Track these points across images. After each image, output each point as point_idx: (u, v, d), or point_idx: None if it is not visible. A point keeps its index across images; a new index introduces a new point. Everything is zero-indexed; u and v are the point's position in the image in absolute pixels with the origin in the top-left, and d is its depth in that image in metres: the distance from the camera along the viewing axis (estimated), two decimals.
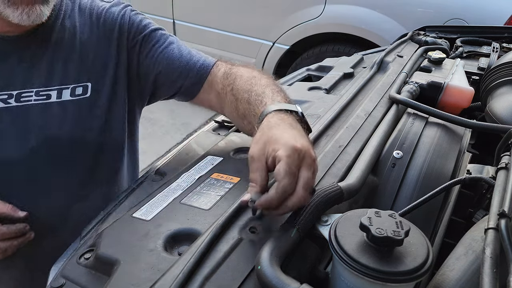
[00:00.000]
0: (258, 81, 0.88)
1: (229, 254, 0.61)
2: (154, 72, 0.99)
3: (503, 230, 0.58)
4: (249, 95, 0.85)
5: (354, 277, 0.53)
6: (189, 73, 0.97)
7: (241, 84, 0.88)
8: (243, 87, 0.87)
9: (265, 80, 0.89)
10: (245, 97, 0.85)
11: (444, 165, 0.94)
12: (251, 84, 0.87)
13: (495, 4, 2.69)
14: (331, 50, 3.03)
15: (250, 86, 0.87)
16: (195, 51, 1.03)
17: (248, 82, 0.88)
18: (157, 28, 1.02)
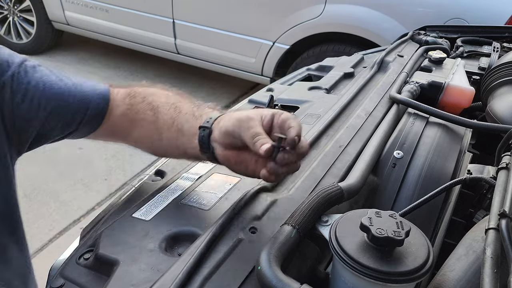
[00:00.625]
0: (177, 95, 0.81)
1: (229, 254, 0.61)
2: (39, 115, 0.75)
3: (504, 230, 0.57)
4: (179, 105, 0.77)
5: (355, 277, 0.53)
6: (89, 105, 0.79)
7: (160, 99, 0.79)
8: (167, 100, 0.78)
9: (181, 94, 0.82)
10: (178, 106, 0.76)
11: (444, 165, 0.94)
12: (171, 96, 0.80)
13: (496, 4, 2.69)
14: (331, 50, 3.03)
15: (175, 98, 0.79)
16: (81, 78, 0.86)
17: (169, 95, 0.80)
18: (33, 65, 0.81)
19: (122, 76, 4.02)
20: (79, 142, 3.02)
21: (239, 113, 0.69)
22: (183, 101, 0.78)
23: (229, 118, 0.68)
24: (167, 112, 0.76)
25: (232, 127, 0.66)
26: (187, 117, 0.74)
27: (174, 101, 0.78)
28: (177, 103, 0.77)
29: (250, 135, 0.64)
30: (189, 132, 0.73)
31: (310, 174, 0.82)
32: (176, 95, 0.81)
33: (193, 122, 0.73)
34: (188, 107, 0.76)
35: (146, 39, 3.65)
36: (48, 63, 4.14)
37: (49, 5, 3.91)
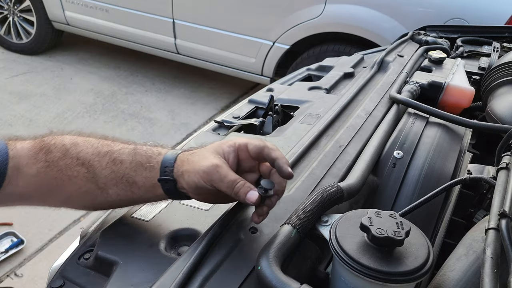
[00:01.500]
0: (103, 140, 0.69)
1: (229, 254, 0.61)
2: None
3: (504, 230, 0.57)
4: (116, 156, 0.66)
5: (354, 277, 0.53)
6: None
7: (87, 150, 0.67)
8: (95, 150, 0.67)
9: (106, 138, 0.71)
10: (115, 158, 0.66)
11: (444, 165, 0.94)
12: (97, 145, 0.68)
13: (496, 4, 2.69)
14: (331, 49, 3.03)
15: (104, 146, 0.67)
16: None
17: (94, 145, 0.68)
18: None
19: (122, 76, 4.02)
20: None
21: (199, 159, 0.62)
22: (116, 149, 0.67)
23: (193, 171, 0.61)
24: (106, 166, 0.65)
25: (202, 182, 0.61)
26: (135, 168, 0.65)
27: (106, 150, 0.67)
28: (112, 153, 0.66)
29: (226, 186, 0.60)
30: (145, 184, 0.65)
31: (310, 174, 0.82)
32: (101, 140, 0.69)
33: (146, 173, 0.65)
34: (128, 156, 0.66)
35: (146, 39, 3.65)
36: (48, 63, 4.14)
37: (49, 5, 3.91)
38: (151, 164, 0.65)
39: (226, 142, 0.65)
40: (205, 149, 0.65)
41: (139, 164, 0.65)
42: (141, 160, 0.65)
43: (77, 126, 3.21)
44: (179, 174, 0.63)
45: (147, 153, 0.66)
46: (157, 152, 0.67)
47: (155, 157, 0.66)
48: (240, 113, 1.17)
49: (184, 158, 0.64)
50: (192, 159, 0.63)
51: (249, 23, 3.24)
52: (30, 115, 3.30)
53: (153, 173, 0.64)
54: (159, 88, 3.88)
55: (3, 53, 4.25)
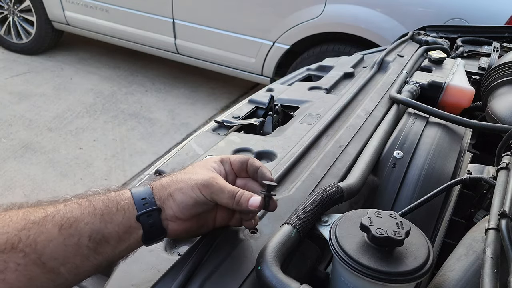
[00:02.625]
0: (37, 207, 0.52)
1: (229, 254, 0.61)
2: None
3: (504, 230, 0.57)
4: (66, 219, 0.51)
5: (355, 277, 0.53)
6: None
7: (14, 224, 0.48)
8: (29, 217, 0.49)
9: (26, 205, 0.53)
10: (68, 219, 0.50)
11: (444, 165, 0.94)
12: (36, 210, 0.51)
13: (496, 3, 2.69)
14: (331, 49, 3.03)
15: (42, 210, 0.51)
16: None
17: (27, 212, 0.50)
18: None
19: (122, 76, 4.02)
20: (79, 142, 3.02)
21: (191, 175, 0.58)
22: (54, 210, 0.51)
23: (188, 186, 0.56)
24: (51, 236, 0.49)
25: (202, 195, 0.56)
26: (100, 219, 0.52)
27: (40, 216, 0.50)
28: (53, 216, 0.50)
29: (227, 196, 0.57)
30: (118, 233, 0.53)
31: (310, 174, 0.82)
32: (26, 210, 0.51)
33: (118, 218, 0.53)
34: (82, 210, 0.52)
35: (146, 39, 3.65)
36: (48, 63, 4.14)
37: (49, 5, 3.91)
38: (122, 203, 0.54)
39: (210, 159, 0.63)
40: (191, 168, 0.61)
41: (105, 211, 0.53)
42: (105, 205, 0.53)
43: (77, 126, 3.21)
44: (165, 198, 0.56)
45: (108, 197, 0.55)
46: (117, 191, 0.56)
47: (121, 196, 0.55)
48: (240, 113, 1.17)
49: (165, 182, 0.58)
50: (179, 178, 0.58)
51: (249, 23, 3.24)
52: (30, 115, 3.30)
53: (128, 213, 0.54)
54: (159, 88, 3.88)
55: (3, 53, 4.25)
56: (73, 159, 2.86)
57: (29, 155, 2.86)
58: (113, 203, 0.54)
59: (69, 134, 3.12)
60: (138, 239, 0.56)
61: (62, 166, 2.79)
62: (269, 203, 0.61)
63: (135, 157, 2.95)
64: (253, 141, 0.97)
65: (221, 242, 0.63)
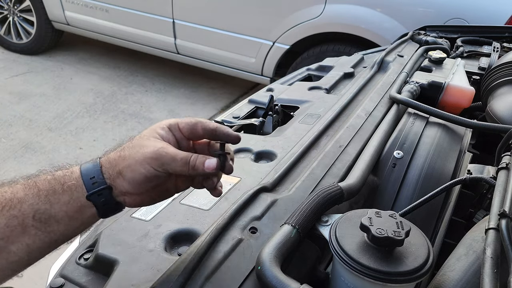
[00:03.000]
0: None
1: (229, 254, 0.61)
2: None
3: (504, 230, 0.57)
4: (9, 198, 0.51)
5: (354, 277, 0.53)
6: None
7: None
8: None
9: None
10: (8, 200, 0.51)
11: (444, 165, 0.94)
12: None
13: (496, 4, 2.69)
14: (331, 49, 3.02)
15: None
16: None
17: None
18: None
19: (122, 76, 4.02)
20: (79, 142, 3.02)
21: (138, 149, 0.55)
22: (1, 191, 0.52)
23: (136, 163, 0.54)
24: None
25: (153, 169, 0.54)
26: (45, 199, 0.52)
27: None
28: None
29: (180, 164, 0.55)
30: (68, 212, 0.53)
31: (310, 174, 0.82)
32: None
33: (66, 197, 0.53)
34: (27, 190, 0.52)
35: (146, 39, 3.65)
36: (48, 63, 4.14)
37: (49, 5, 3.91)
38: (69, 183, 0.53)
39: (157, 126, 0.58)
40: (138, 139, 0.57)
41: (51, 191, 0.52)
42: (50, 186, 0.52)
43: (77, 126, 3.21)
44: (115, 176, 0.55)
45: (54, 176, 0.53)
46: (66, 169, 0.55)
47: (69, 175, 0.54)
48: (240, 113, 1.17)
49: (112, 159, 0.56)
50: (127, 153, 0.55)
51: (249, 23, 3.23)
52: (30, 115, 3.30)
53: (76, 193, 0.53)
54: (159, 88, 3.88)
55: (3, 53, 4.25)
56: (73, 159, 2.86)
57: (29, 155, 2.86)
58: (58, 184, 0.53)
59: (69, 134, 3.12)
60: (93, 215, 0.55)
61: None
62: (224, 163, 0.58)
63: None
64: (253, 141, 0.97)
65: (221, 242, 0.63)
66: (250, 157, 0.91)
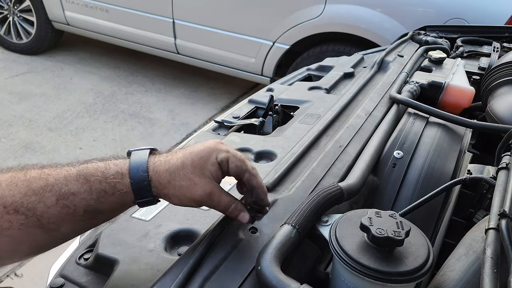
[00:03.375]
0: (36, 170, 0.59)
1: (229, 254, 0.61)
2: None
3: (504, 230, 0.57)
4: (59, 187, 0.56)
5: (354, 277, 0.53)
6: None
7: (11, 192, 0.55)
8: (31, 186, 0.56)
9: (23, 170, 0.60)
10: (62, 191, 0.56)
11: (444, 165, 0.94)
12: (37, 177, 0.57)
13: (496, 4, 2.69)
14: (331, 49, 3.02)
15: (43, 179, 0.57)
16: None
17: (28, 178, 0.57)
18: None
19: (122, 76, 4.02)
20: (79, 142, 3.02)
21: (188, 185, 0.59)
22: (56, 179, 0.57)
23: (183, 197, 0.60)
24: (51, 204, 0.55)
25: (195, 205, 0.62)
26: (96, 197, 0.57)
27: (40, 184, 0.56)
28: (53, 186, 0.56)
29: (221, 209, 0.63)
30: (114, 208, 0.60)
31: (310, 174, 0.82)
32: (28, 172, 0.58)
33: (114, 199, 0.58)
34: (80, 185, 0.56)
35: (146, 39, 3.65)
36: (48, 63, 4.14)
37: (49, 5, 3.91)
38: (119, 190, 0.57)
39: (208, 159, 0.61)
40: (190, 170, 0.60)
41: (102, 192, 0.57)
42: (102, 187, 0.57)
43: (77, 126, 3.21)
44: (162, 195, 0.60)
45: (107, 179, 0.57)
46: (115, 171, 0.58)
47: (120, 181, 0.58)
48: (240, 113, 1.17)
49: (163, 179, 0.59)
50: (177, 183, 0.59)
51: (249, 23, 3.23)
52: (30, 115, 3.30)
53: (125, 198, 0.58)
54: (159, 88, 3.88)
55: (3, 53, 4.25)
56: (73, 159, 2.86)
57: (29, 155, 2.85)
58: (110, 187, 0.57)
59: (69, 134, 3.12)
60: (131, 206, 0.62)
61: None
62: (255, 218, 0.67)
63: None
64: (253, 141, 0.97)
65: (221, 242, 0.63)
66: (250, 157, 0.91)
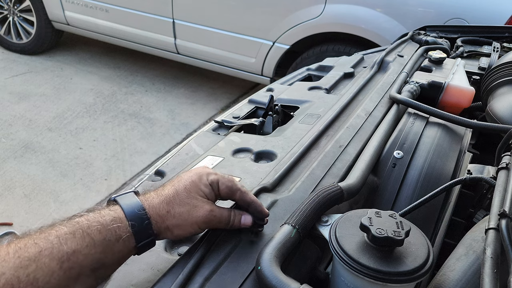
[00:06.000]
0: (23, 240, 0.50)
1: (229, 254, 0.61)
2: None
3: (504, 230, 0.57)
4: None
5: (354, 277, 0.53)
6: None
7: (8, 263, 0.47)
8: (21, 254, 0.48)
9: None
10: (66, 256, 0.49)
11: (444, 165, 0.94)
12: (24, 246, 0.49)
13: (496, 4, 2.69)
14: (331, 49, 3.02)
15: (34, 245, 0.49)
16: None
17: (16, 248, 0.48)
18: None
19: (122, 76, 4.02)
20: (79, 142, 3.02)
21: (188, 210, 0.58)
22: (47, 241, 0.49)
23: (187, 224, 0.58)
24: (53, 270, 0.48)
25: (200, 229, 0.61)
26: (102, 249, 0.52)
27: (33, 251, 0.48)
28: (45, 250, 0.48)
29: (224, 225, 0.63)
30: (117, 259, 0.55)
31: (310, 174, 0.82)
32: (13, 244, 0.49)
33: (120, 247, 0.53)
34: (79, 240, 0.50)
35: (146, 39, 3.65)
36: (48, 63, 4.14)
37: (49, 5, 3.90)
38: (121, 236, 0.53)
39: (200, 180, 0.61)
40: (185, 195, 0.59)
41: (104, 242, 0.52)
42: (103, 237, 0.52)
43: (77, 126, 3.21)
44: (162, 230, 0.58)
45: (102, 223, 0.53)
46: (112, 216, 0.54)
47: (118, 224, 0.54)
48: (240, 113, 1.17)
49: (161, 212, 0.57)
50: (177, 211, 0.58)
51: (249, 23, 3.24)
52: (30, 115, 3.30)
53: (128, 243, 0.54)
54: (159, 88, 3.88)
55: (3, 53, 4.25)
56: (73, 159, 2.86)
57: (29, 155, 2.86)
58: (112, 235, 0.53)
59: (69, 134, 3.12)
60: (131, 255, 0.57)
61: (62, 166, 2.79)
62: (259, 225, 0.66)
63: (135, 157, 2.95)
64: (253, 141, 0.97)
65: (221, 242, 0.63)
66: (250, 157, 0.91)
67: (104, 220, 0.53)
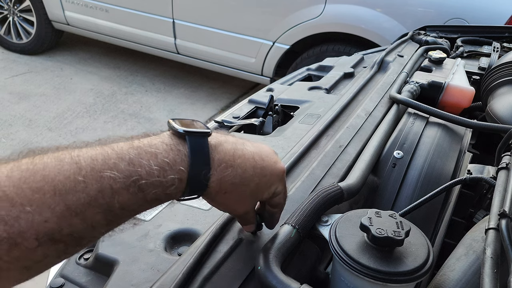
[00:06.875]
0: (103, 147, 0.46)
1: (229, 254, 0.61)
2: None
3: (504, 230, 0.57)
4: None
5: (354, 277, 0.53)
6: None
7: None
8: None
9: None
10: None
11: (444, 165, 0.94)
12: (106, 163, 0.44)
13: (496, 4, 2.69)
14: (331, 49, 3.03)
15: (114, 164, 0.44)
16: None
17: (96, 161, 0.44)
18: None
19: (122, 76, 4.02)
20: None
21: (237, 199, 0.55)
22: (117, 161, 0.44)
23: (222, 201, 0.54)
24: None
25: (227, 212, 0.64)
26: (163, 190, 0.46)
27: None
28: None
29: (244, 223, 0.63)
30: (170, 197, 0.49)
31: (310, 174, 0.82)
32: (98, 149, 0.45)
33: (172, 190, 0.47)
34: (150, 170, 0.45)
35: (146, 39, 3.65)
36: (48, 63, 4.14)
37: (49, 5, 3.91)
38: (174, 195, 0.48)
39: (269, 188, 0.58)
40: (250, 189, 0.54)
41: (155, 203, 0.48)
42: (157, 197, 0.47)
43: (77, 126, 3.21)
44: (207, 192, 0.51)
45: (163, 183, 0.46)
46: (174, 177, 0.47)
47: (176, 186, 0.48)
48: (240, 113, 1.17)
49: (221, 190, 0.51)
50: (229, 195, 0.53)
51: (249, 23, 3.24)
52: (30, 115, 3.30)
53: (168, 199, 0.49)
54: (159, 88, 3.88)
55: (3, 53, 4.25)
56: None
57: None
58: (166, 197, 0.48)
59: (69, 134, 3.12)
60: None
61: None
62: (260, 227, 0.66)
63: None
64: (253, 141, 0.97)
65: (221, 242, 0.63)
66: None
67: (166, 179, 0.46)
